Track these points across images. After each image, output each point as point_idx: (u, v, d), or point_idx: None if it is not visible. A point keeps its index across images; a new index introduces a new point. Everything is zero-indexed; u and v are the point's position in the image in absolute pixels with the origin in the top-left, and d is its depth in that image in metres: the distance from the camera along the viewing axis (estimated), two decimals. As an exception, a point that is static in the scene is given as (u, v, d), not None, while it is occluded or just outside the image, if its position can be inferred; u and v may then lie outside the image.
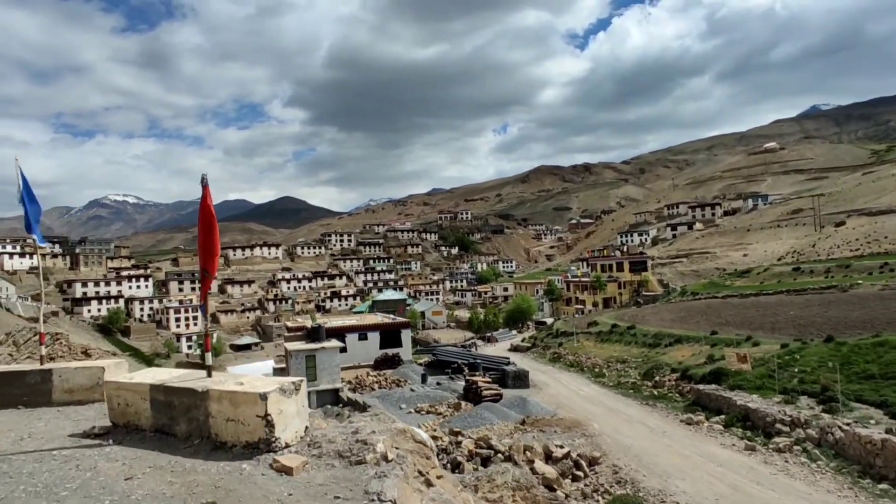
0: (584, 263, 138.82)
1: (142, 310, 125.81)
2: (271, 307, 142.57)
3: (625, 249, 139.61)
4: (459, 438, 19.51)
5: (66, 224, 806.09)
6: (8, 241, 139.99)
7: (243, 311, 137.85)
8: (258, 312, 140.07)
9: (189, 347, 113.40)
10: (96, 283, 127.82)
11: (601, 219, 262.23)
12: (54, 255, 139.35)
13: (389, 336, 48.46)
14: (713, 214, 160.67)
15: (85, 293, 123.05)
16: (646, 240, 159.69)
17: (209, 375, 6.22)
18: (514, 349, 68.17)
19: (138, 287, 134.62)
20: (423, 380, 37.91)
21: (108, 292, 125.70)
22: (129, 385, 6.50)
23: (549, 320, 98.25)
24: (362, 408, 27.76)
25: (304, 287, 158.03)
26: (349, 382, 35.82)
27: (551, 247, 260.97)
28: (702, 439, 24.09)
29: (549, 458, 19.09)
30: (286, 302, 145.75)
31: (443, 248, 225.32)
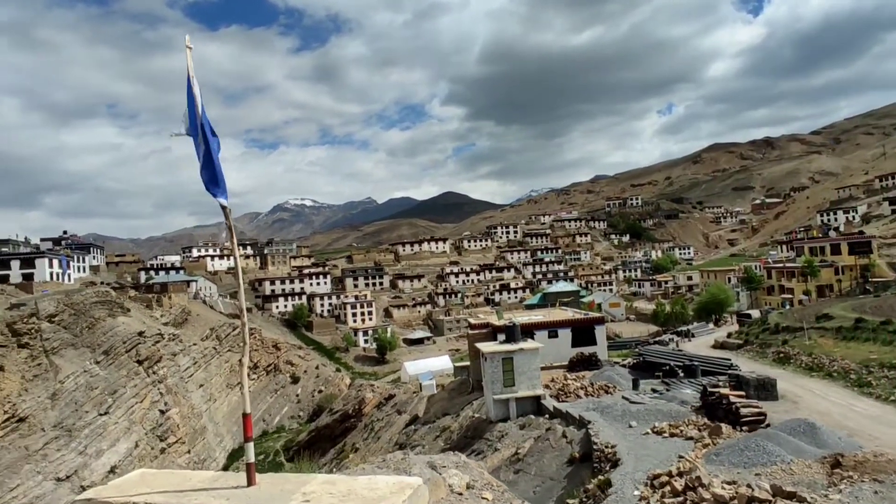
0: (785, 247, 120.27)
1: (322, 305, 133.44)
2: (441, 301, 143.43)
3: (839, 228, 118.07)
4: (746, 484, 13.10)
5: (254, 228, 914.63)
6: (210, 245, 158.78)
7: (414, 306, 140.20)
8: (428, 306, 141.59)
9: (365, 342, 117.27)
10: (282, 281, 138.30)
11: (791, 197, 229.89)
12: (247, 256, 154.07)
13: (582, 333, 42.37)
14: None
15: (273, 291, 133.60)
16: (853, 217, 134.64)
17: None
18: (721, 346, 58.00)
19: (318, 284, 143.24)
20: (635, 386, 31.28)
21: (293, 289, 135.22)
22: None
23: (754, 312, 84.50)
24: (579, 423, 22.15)
25: (473, 280, 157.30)
26: (547, 387, 30.50)
27: (733, 230, 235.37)
28: None
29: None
30: (455, 296, 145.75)
31: (613, 237, 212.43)
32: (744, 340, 58.83)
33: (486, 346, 28.69)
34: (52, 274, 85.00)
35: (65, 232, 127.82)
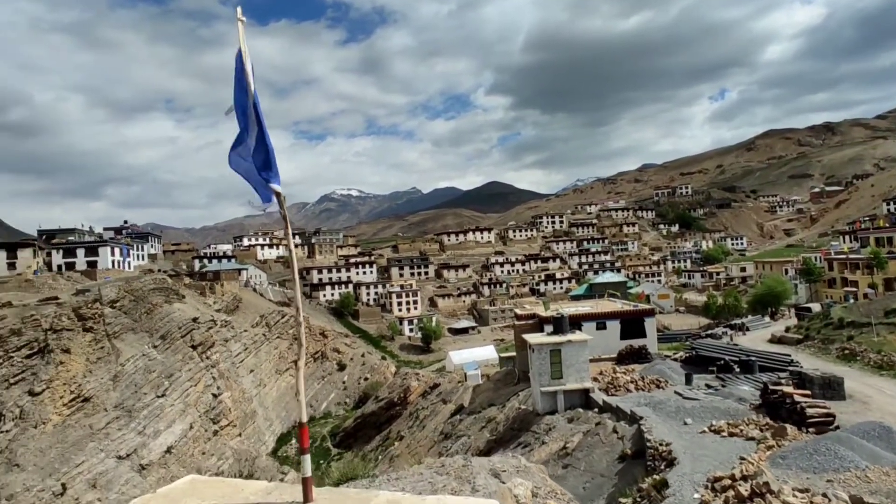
0: (849, 237, 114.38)
1: (368, 294, 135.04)
2: (486, 291, 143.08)
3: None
4: (821, 493, 12.29)
5: (302, 217, 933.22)
6: (260, 234, 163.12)
7: (459, 295, 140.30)
8: (473, 296, 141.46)
9: (410, 331, 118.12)
10: (329, 270, 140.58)
11: (854, 184, 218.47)
12: (295, 245, 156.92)
13: (632, 325, 41.29)
14: None
15: (320, 279, 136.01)
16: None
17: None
18: (778, 341, 55.56)
19: (364, 273, 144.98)
20: (688, 381, 30.17)
21: (339, 278, 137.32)
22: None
23: (814, 306, 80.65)
24: (630, 418, 21.49)
25: (518, 270, 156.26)
26: (595, 380, 29.80)
27: (789, 220, 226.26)
28: None
29: None
30: (500, 286, 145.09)
31: (661, 227, 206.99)
32: (804, 335, 56.26)
33: (533, 338, 28.21)
34: (113, 261, 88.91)
35: (125, 221, 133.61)
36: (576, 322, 36.95)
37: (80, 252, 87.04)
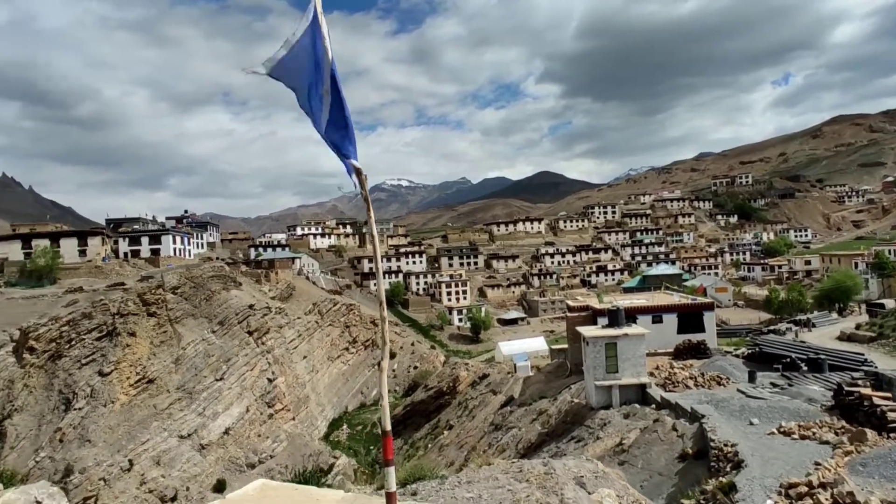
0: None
1: (417, 284, 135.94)
2: (536, 282, 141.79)
3: None
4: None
5: (353, 208, 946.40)
6: (312, 224, 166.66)
7: (508, 286, 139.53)
8: (523, 287, 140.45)
9: (460, 320, 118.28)
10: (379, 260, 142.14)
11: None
12: (346, 235, 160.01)
13: (690, 319, 39.91)
14: None
15: (370, 268, 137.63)
16: None
17: None
18: (848, 338, 52.61)
19: (414, 262, 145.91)
20: (751, 378, 28.86)
21: (389, 268, 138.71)
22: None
23: (888, 302, 75.94)
24: (691, 416, 20.67)
25: (568, 261, 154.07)
26: (651, 375, 28.89)
27: (859, 211, 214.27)
28: None
29: None
30: (550, 277, 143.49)
31: (719, 217, 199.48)
32: (877, 333, 53.09)
33: (587, 330, 27.57)
34: (174, 249, 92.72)
35: (186, 211, 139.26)
36: (630, 315, 35.91)
37: (145, 240, 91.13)
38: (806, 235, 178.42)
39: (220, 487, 49.77)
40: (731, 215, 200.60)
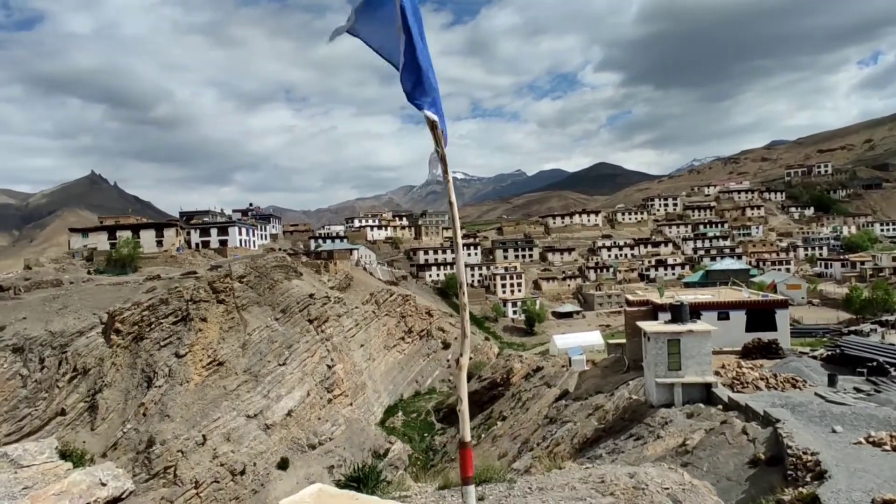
0: None
1: (472, 276, 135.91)
2: (591, 275, 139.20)
3: None
4: None
5: (409, 200, 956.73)
6: (370, 216, 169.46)
7: (564, 279, 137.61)
8: (578, 280, 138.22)
9: (514, 313, 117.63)
10: (435, 251, 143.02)
11: None
12: (402, 227, 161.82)
13: (760, 317, 38.07)
14: None
15: (426, 260, 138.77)
16: None
17: None
18: (939, 342, 48.86)
19: (469, 254, 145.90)
20: (831, 382, 27.16)
21: (444, 259, 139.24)
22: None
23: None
24: (763, 420, 19.71)
25: (626, 255, 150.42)
26: (717, 374, 27.76)
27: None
28: None
29: None
30: (607, 270, 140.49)
31: (792, 210, 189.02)
32: (972, 336, 49.18)
33: (649, 326, 26.74)
34: (240, 240, 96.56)
35: (251, 204, 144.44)
36: (694, 311, 34.63)
37: (214, 232, 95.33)
38: (894, 229, 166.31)
39: (283, 465, 51.76)
40: (806, 207, 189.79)
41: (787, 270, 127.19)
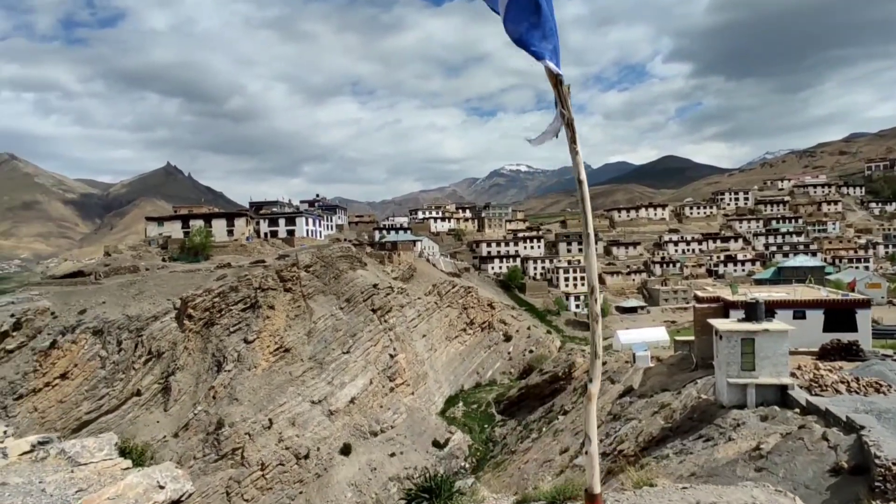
0: None
1: (535, 269, 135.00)
2: (657, 270, 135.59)
3: None
4: None
5: (472, 192, 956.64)
6: (433, 208, 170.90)
7: (629, 274, 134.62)
8: (643, 275, 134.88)
9: (576, 307, 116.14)
10: (497, 244, 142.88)
11: None
12: (465, 220, 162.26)
13: (838, 316, 36.18)
14: None
15: (489, 252, 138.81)
16: None
17: None
18: None
19: (531, 248, 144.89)
20: (918, 388, 25.72)
21: (507, 252, 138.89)
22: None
23: None
24: (846, 426, 18.96)
25: (694, 250, 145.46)
26: (793, 375, 26.73)
27: None
28: None
29: None
30: (674, 265, 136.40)
31: (873, 205, 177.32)
32: None
33: (721, 324, 26.03)
34: (307, 231, 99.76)
35: (317, 195, 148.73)
36: (768, 309, 33.37)
37: (282, 222, 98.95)
38: None
39: (346, 451, 53.47)
40: (887, 203, 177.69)
41: (866, 268, 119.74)
